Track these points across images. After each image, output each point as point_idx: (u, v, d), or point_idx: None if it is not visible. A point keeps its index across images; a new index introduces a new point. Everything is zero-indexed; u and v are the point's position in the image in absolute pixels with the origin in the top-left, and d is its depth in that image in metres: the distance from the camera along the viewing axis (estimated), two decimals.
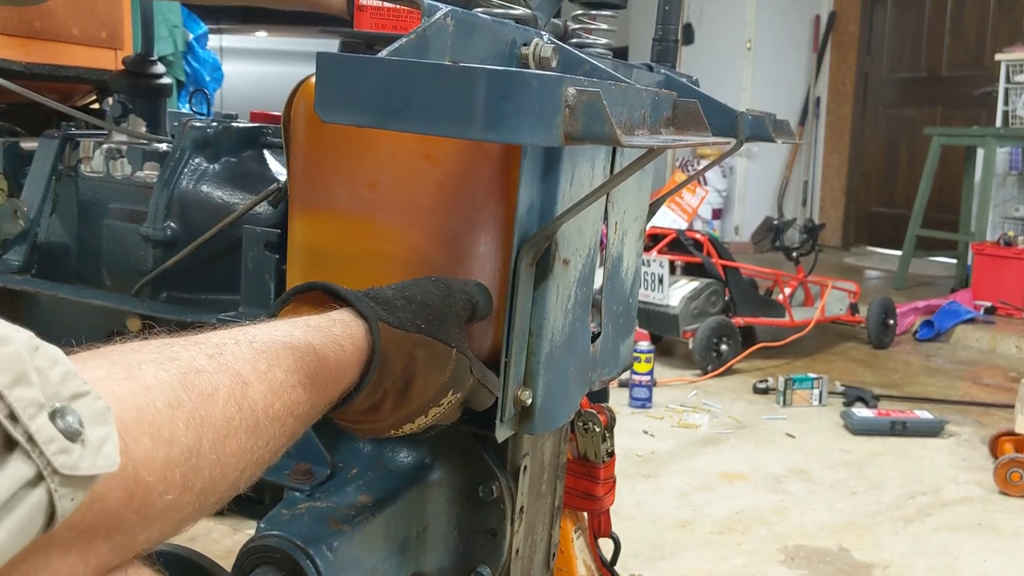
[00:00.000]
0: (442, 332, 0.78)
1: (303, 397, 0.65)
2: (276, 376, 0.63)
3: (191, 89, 3.96)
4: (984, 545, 2.43)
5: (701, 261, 4.11)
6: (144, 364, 0.54)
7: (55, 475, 0.42)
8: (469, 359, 0.81)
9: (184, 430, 0.53)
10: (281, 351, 0.64)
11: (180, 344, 0.59)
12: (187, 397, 0.54)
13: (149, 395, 0.52)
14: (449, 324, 0.79)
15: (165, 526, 0.54)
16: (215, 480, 0.56)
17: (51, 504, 0.42)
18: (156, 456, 0.51)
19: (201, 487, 0.55)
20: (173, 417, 0.53)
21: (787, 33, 7.89)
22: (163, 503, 0.52)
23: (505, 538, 0.99)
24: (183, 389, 0.54)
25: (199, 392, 0.56)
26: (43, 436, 0.41)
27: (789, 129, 1.15)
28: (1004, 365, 4.41)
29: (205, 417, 0.55)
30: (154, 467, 0.51)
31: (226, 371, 0.59)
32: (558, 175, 0.88)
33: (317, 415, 0.69)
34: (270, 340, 0.64)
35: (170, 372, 0.55)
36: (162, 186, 1.22)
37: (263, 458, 0.62)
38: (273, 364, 0.63)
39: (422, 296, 0.79)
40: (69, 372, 0.44)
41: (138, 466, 0.49)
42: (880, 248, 7.74)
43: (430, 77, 0.63)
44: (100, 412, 0.45)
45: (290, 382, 0.64)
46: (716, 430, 3.31)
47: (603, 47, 1.14)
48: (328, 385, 0.68)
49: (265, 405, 0.61)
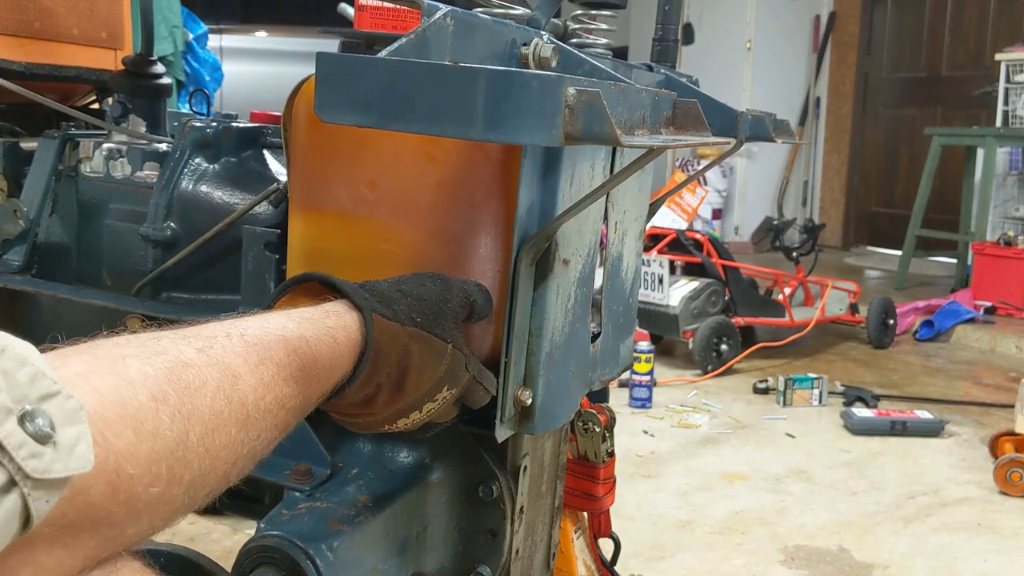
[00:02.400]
0: (438, 327, 0.77)
1: (295, 390, 0.65)
2: (267, 369, 0.63)
3: (191, 89, 3.96)
4: (984, 545, 2.43)
5: (701, 261, 4.11)
6: (128, 358, 0.54)
7: (27, 480, 0.42)
8: (465, 355, 0.81)
9: (169, 423, 0.53)
10: (273, 344, 0.64)
11: (169, 338, 0.59)
12: (173, 391, 0.54)
13: (132, 389, 0.52)
14: (445, 319, 0.79)
15: (154, 519, 0.54)
16: (204, 473, 0.56)
17: (25, 508, 0.42)
18: (140, 449, 0.51)
19: (190, 480, 0.55)
20: (157, 410, 0.52)
21: (787, 33, 7.89)
22: (150, 496, 0.51)
23: (505, 538, 0.99)
24: (169, 383, 0.54)
25: (186, 385, 0.55)
26: (12, 442, 0.41)
27: (789, 129, 1.15)
28: (1004, 365, 4.41)
29: (192, 410, 0.55)
30: (138, 460, 0.50)
31: (215, 364, 0.59)
32: (558, 175, 0.88)
33: (310, 407, 0.69)
34: (262, 333, 0.64)
35: (155, 366, 0.54)
36: (162, 186, 1.22)
37: (254, 451, 0.62)
38: (265, 357, 0.63)
39: (418, 290, 0.79)
40: (38, 372, 0.44)
41: (121, 460, 0.49)
42: (880, 248, 7.74)
43: (430, 77, 0.63)
44: (72, 411, 0.45)
45: (282, 375, 0.63)
46: (716, 430, 3.31)
47: (603, 47, 1.14)
48: (321, 378, 0.68)
49: (256, 398, 0.61)
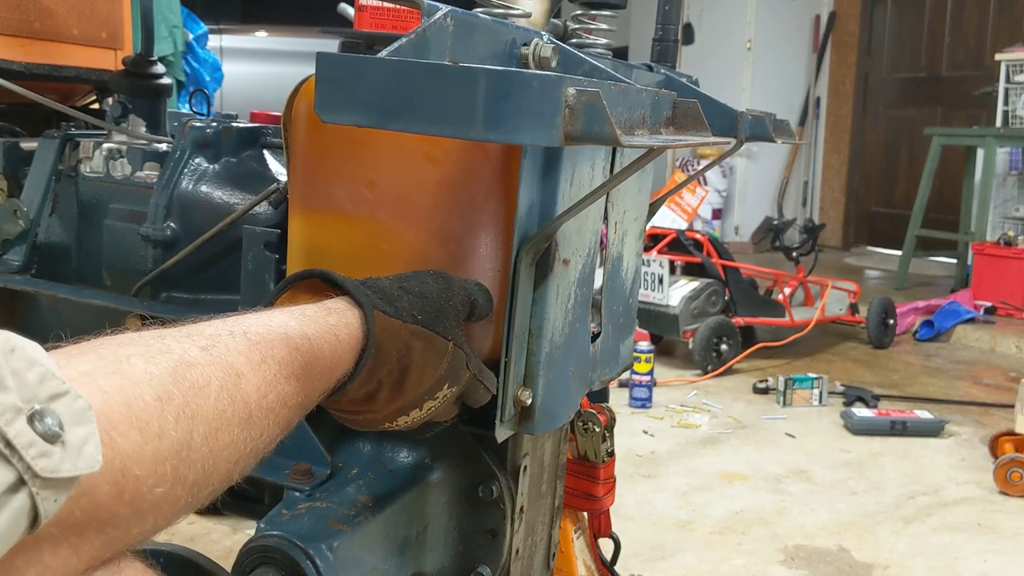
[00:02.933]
0: (439, 325, 0.77)
1: (297, 388, 0.65)
2: (270, 367, 0.63)
3: (191, 89, 3.96)
4: (984, 545, 2.43)
5: (701, 261, 4.11)
6: (133, 358, 0.54)
7: (36, 479, 0.42)
8: (466, 354, 0.81)
9: (174, 423, 0.53)
10: (276, 342, 0.64)
11: (172, 336, 0.59)
12: (178, 391, 0.54)
13: (137, 389, 0.52)
14: (447, 317, 0.79)
15: (159, 519, 0.54)
16: (208, 472, 0.56)
17: (34, 507, 0.42)
18: (145, 450, 0.51)
19: (194, 480, 0.55)
20: (163, 411, 0.52)
21: (787, 33, 7.89)
22: (155, 496, 0.52)
23: (505, 538, 0.99)
24: (173, 383, 0.54)
25: (190, 385, 0.55)
26: (22, 441, 0.41)
27: (789, 129, 1.15)
28: (1004, 365, 4.41)
29: (196, 410, 0.55)
30: (143, 461, 0.50)
31: (219, 363, 0.59)
32: (558, 175, 0.88)
33: (311, 405, 0.69)
34: (265, 331, 0.64)
35: (160, 366, 0.54)
36: (162, 186, 1.22)
37: (257, 449, 0.62)
38: (267, 355, 0.63)
39: (420, 288, 0.79)
40: (47, 372, 0.44)
41: (126, 460, 0.49)
42: (880, 248, 7.74)
43: (430, 77, 0.63)
44: (80, 411, 0.45)
45: (284, 373, 0.64)
46: (716, 430, 3.31)
47: (603, 47, 1.14)
48: (323, 375, 0.68)
49: (259, 397, 0.61)
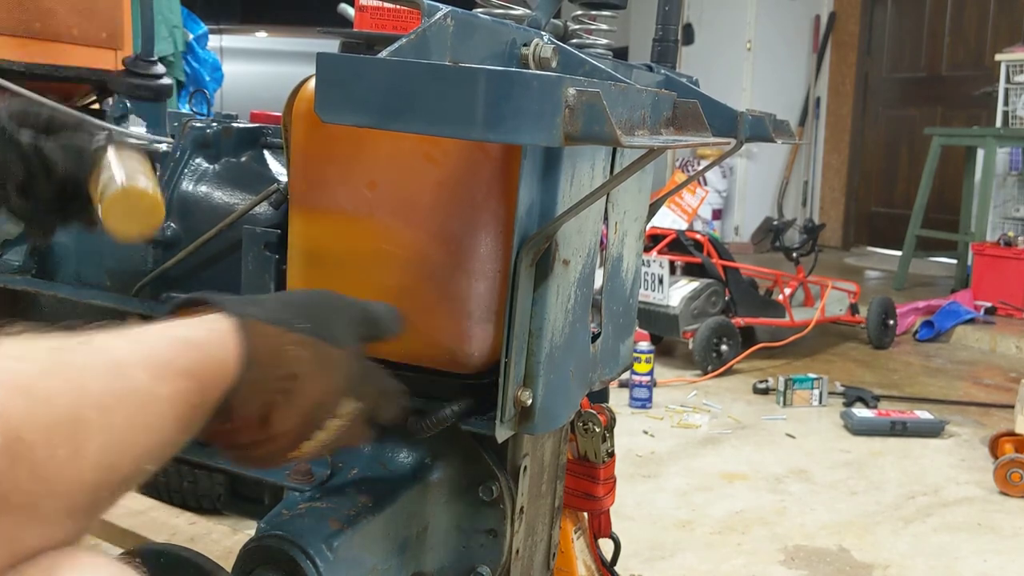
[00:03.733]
0: (326, 332, 0.76)
1: (187, 384, 0.64)
2: (156, 360, 0.62)
3: (191, 89, 3.96)
4: (984, 545, 2.43)
5: (701, 261, 4.11)
6: (8, 342, 0.54)
7: None
8: (367, 367, 0.79)
9: (60, 393, 0.53)
10: (155, 340, 0.64)
11: (49, 335, 0.59)
12: (59, 367, 0.54)
13: (20, 364, 0.52)
14: (336, 326, 0.77)
15: (72, 495, 0.53)
16: (108, 450, 0.55)
17: None
18: (36, 413, 0.51)
19: (96, 456, 0.54)
20: (48, 383, 0.53)
21: (787, 33, 7.89)
22: (55, 464, 0.51)
23: (505, 538, 0.99)
24: (51, 360, 0.55)
25: (71, 363, 0.56)
26: None
27: (789, 129, 1.15)
28: (1004, 365, 4.41)
29: (82, 385, 0.55)
30: (35, 425, 0.50)
31: (100, 351, 0.59)
32: (558, 175, 0.88)
33: (207, 408, 0.67)
34: (142, 331, 0.64)
35: (38, 347, 0.55)
36: (162, 186, 1.21)
37: (158, 440, 0.61)
38: (151, 352, 0.62)
39: (305, 300, 0.78)
40: None
41: (14, 425, 0.49)
42: (880, 248, 7.74)
43: (430, 77, 0.63)
44: None
45: (172, 368, 0.63)
46: (716, 430, 3.31)
47: (603, 47, 1.14)
48: (209, 375, 0.67)
49: (149, 387, 0.60)
